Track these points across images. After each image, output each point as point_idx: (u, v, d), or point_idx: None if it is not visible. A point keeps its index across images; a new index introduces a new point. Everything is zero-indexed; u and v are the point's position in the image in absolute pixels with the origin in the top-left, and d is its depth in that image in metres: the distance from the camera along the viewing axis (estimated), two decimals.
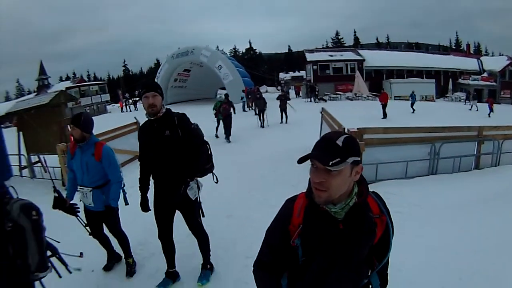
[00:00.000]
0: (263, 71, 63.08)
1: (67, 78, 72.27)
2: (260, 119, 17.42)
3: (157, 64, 65.31)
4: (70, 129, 4.05)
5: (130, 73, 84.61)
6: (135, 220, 4.63)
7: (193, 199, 3.74)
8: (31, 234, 2.45)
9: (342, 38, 76.34)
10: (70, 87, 49.52)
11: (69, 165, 4.26)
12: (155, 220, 3.87)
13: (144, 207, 3.93)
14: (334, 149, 1.49)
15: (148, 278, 4.24)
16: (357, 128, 6.99)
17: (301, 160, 1.51)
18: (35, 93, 57.76)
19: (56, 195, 3.83)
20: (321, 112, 11.23)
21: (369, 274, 1.85)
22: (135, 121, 11.27)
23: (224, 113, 14.73)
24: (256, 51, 78.66)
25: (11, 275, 2.41)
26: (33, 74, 66.36)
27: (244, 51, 78.99)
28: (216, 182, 3.96)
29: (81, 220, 4.16)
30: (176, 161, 3.58)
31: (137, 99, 46.31)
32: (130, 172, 6.89)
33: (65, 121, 10.09)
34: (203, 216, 3.94)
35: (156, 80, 36.09)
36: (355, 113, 19.64)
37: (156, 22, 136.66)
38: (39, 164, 11.03)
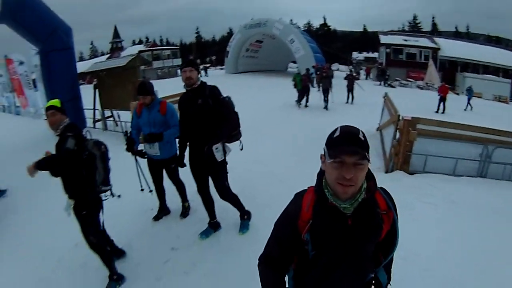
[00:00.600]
0: (336, 48, 61.14)
1: (140, 42, 74.73)
2: (324, 100, 16.11)
3: (230, 33, 65.54)
4: (141, 99, 4.73)
5: (203, 40, 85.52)
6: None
7: (219, 160, 4.15)
8: (99, 160, 3.71)
9: (419, 23, 70.57)
10: (143, 51, 51.53)
11: (134, 124, 4.97)
12: (193, 177, 4.48)
13: (180, 163, 4.63)
14: (361, 143, 1.51)
15: (198, 222, 5.03)
16: (412, 117, 6.87)
17: (336, 151, 1.51)
18: (109, 55, 60.38)
19: (127, 137, 4.80)
20: (383, 97, 10.97)
21: (376, 269, 1.88)
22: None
23: (302, 84, 16.48)
24: (330, 27, 76.00)
25: (84, 188, 3.63)
26: (107, 37, 69.40)
27: (318, 26, 76.83)
28: (241, 149, 4.41)
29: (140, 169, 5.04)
30: (206, 126, 4.11)
31: (208, 65, 47.16)
32: None
33: (139, 81, 10.67)
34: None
35: (228, 49, 36.52)
36: (419, 102, 18.89)
37: None
38: (111, 119, 11.98)
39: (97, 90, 12.30)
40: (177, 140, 4.76)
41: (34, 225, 5.86)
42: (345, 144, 1.50)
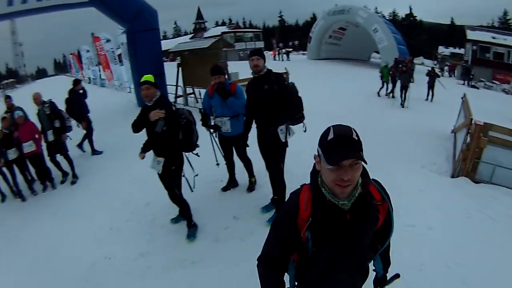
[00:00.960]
0: (421, 41, 57.45)
1: (223, 24, 76.72)
2: (401, 96, 15.08)
3: (313, 19, 64.21)
4: (214, 79, 5.26)
5: (286, 24, 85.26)
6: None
7: (283, 141, 4.57)
8: (194, 125, 4.66)
9: (510, 19, 63.56)
10: (226, 32, 52.53)
11: (205, 104, 5.60)
12: (261, 155, 5.05)
13: (244, 142, 5.10)
14: (356, 144, 1.55)
15: (262, 197, 5.55)
16: (484, 122, 6.57)
17: (333, 157, 1.53)
18: (192, 35, 62.22)
19: (202, 113, 5.45)
20: (462, 98, 10.46)
21: (373, 257, 1.97)
22: (285, 71, 11.78)
23: (391, 76, 16.55)
24: (416, 18, 72.20)
25: (181, 148, 4.58)
26: (190, 18, 71.18)
27: (403, 16, 73.48)
28: (304, 131, 4.64)
29: (217, 143, 5.71)
30: (271, 109, 4.48)
31: (291, 50, 47.02)
32: None
33: (221, 63, 11.43)
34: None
35: (310, 35, 36.03)
36: (501, 108, 17.22)
37: None
38: (192, 95, 12.90)
39: (180, 69, 13.21)
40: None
41: (116, 182, 7.22)
42: (341, 148, 1.52)
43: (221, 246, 4.59)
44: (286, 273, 1.96)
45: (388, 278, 2.05)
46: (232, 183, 6.11)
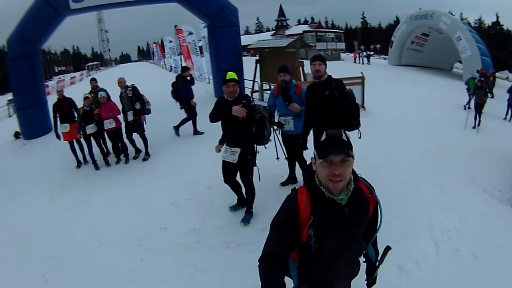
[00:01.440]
0: (508, 53, 51.67)
1: (305, 22, 75.59)
2: (475, 117, 12.55)
3: (396, 22, 61.28)
4: (280, 76, 5.56)
5: (368, 26, 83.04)
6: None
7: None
8: (267, 120, 5.03)
9: None
10: (307, 31, 52.19)
11: (270, 102, 5.93)
12: None
13: (303, 144, 5.41)
14: (345, 143, 1.77)
15: None
16: None
17: (325, 153, 1.77)
18: (273, 32, 62.71)
19: (268, 110, 5.39)
20: None
21: (366, 246, 2.14)
22: (361, 75, 11.87)
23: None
24: (503, 27, 64.61)
25: (252, 140, 4.94)
26: (272, 14, 71.47)
27: (489, 24, 66.77)
28: (359, 138, 4.71)
29: (280, 142, 5.86)
30: (331, 113, 4.65)
31: (372, 53, 45.87)
32: None
33: (298, 62, 11.82)
34: None
35: (392, 39, 34.53)
36: None
37: None
38: (268, 91, 13.41)
39: (258, 65, 13.77)
40: None
41: (184, 164, 7.92)
42: (332, 146, 1.76)
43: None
44: (286, 275, 2.06)
45: (379, 259, 2.20)
46: (291, 179, 6.25)
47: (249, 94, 13.11)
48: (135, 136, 8.85)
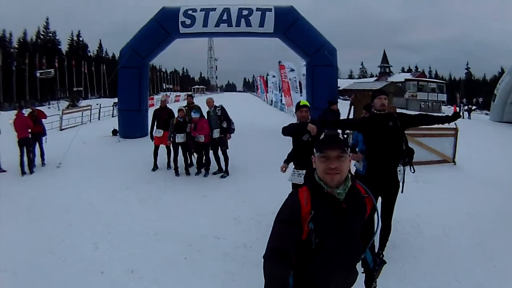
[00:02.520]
0: None
1: (409, 70, 74.00)
2: None
3: (501, 73, 57.38)
4: (364, 113, 5.64)
5: (473, 77, 78.38)
6: None
7: (400, 181, 4.59)
8: None
9: None
10: (409, 79, 50.72)
11: (354, 135, 5.74)
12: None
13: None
14: (340, 141, 1.98)
15: None
16: None
17: (322, 148, 1.97)
18: (376, 78, 61.93)
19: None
20: None
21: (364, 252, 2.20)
22: (455, 127, 10.94)
23: None
24: None
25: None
26: (377, 60, 70.61)
27: None
28: (413, 172, 4.71)
29: None
30: (395, 145, 4.53)
31: (474, 108, 43.07)
32: (427, 172, 8.39)
33: (390, 107, 11.51)
34: None
35: (495, 92, 29.36)
36: None
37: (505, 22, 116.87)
38: None
39: (352, 107, 13.69)
40: None
41: (255, 186, 8.20)
42: (328, 142, 1.97)
43: None
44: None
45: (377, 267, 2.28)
46: None
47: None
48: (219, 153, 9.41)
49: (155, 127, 9.78)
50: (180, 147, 9.20)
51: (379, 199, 4.57)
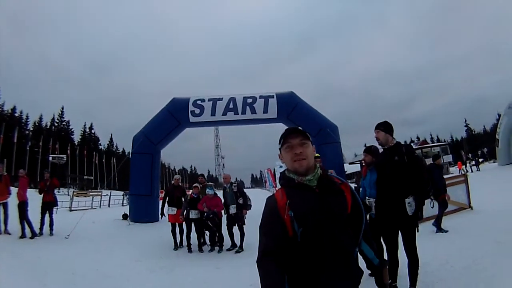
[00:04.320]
0: None
1: (411, 142, 76.70)
2: None
3: (499, 119, 57.56)
4: (365, 155, 5.51)
5: (473, 132, 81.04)
6: None
7: (410, 214, 4.32)
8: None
9: None
10: (414, 149, 51.31)
11: (361, 183, 5.82)
12: (380, 231, 4.70)
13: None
14: (300, 131, 2.12)
15: None
16: None
17: (285, 138, 2.12)
18: None
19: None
20: None
21: (360, 244, 2.17)
22: (464, 173, 11.05)
23: None
24: None
25: None
26: None
27: None
28: (432, 207, 4.53)
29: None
30: (401, 180, 4.36)
31: (481, 159, 42.86)
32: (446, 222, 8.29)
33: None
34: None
35: (497, 137, 29.29)
36: None
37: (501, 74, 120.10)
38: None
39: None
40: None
41: None
42: (289, 133, 2.12)
43: None
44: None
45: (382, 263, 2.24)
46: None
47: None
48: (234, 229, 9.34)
49: (166, 205, 9.89)
50: (193, 223, 9.22)
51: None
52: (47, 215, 10.40)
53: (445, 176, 10.81)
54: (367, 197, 5.54)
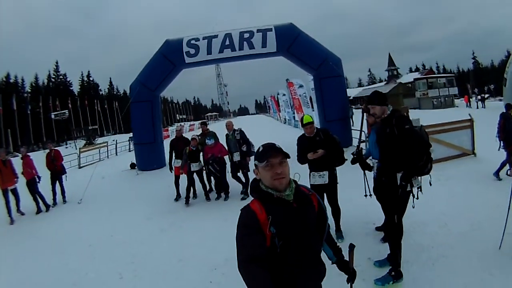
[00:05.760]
0: None
1: (417, 69, 73.95)
2: None
3: (508, 56, 55.30)
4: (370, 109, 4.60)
5: (480, 65, 78.62)
6: None
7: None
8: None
9: None
10: (418, 78, 49.99)
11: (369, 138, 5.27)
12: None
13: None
14: (279, 149, 2.18)
15: None
16: None
17: (265, 157, 2.15)
18: (385, 82, 61.71)
19: (358, 151, 5.16)
20: None
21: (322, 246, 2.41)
22: (470, 117, 10.77)
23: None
24: None
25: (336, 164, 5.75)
26: (383, 65, 70.58)
27: None
28: (430, 185, 4.45)
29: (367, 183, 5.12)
30: (390, 154, 4.19)
31: (487, 95, 42.17)
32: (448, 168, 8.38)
33: (402, 108, 11.46)
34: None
35: (505, 76, 28.40)
36: None
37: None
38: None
39: (364, 114, 13.49)
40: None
41: None
42: (269, 152, 2.17)
43: None
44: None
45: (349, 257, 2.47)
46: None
47: (356, 144, 12.97)
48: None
49: (173, 158, 9.91)
50: (196, 174, 9.29)
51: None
52: (57, 185, 10.71)
53: (449, 120, 10.41)
54: (370, 157, 5.11)
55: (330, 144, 5.69)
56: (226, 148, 9.32)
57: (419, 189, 4.31)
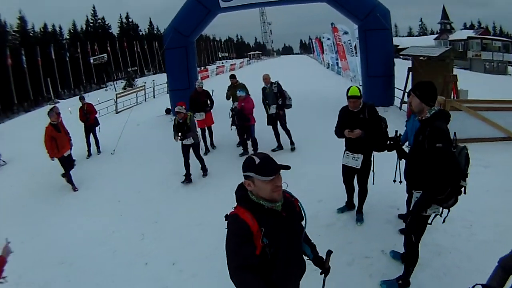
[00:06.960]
0: None
1: (471, 27, 68.06)
2: None
3: None
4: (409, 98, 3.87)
5: None
6: None
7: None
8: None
9: None
10: (472, 37, 46.67)
11: (407, 124, 5.13)
12: None
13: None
14: (279, 165, 2.16)
15: None
16: None
17: (270, 173, 2.11)
18: (437, 35, 58.55)
19: (396, 136, 4.48)
20: None
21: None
22: None
23: None
24: None
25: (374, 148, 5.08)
26: (436, 15, 66.52)
27: None
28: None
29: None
30: (415, 164, 3.74)
31: None
32: (489, 152, 7.34)
33: (449, 76, 10.42)
34: None
35: None
36: None
37: None
38: None
39: (410, 73, 12.44)
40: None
41: (311, 171, 7.54)
42: (271, 165, 2.14)
43: None
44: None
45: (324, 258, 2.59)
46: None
47: (398, 105, 12.11)
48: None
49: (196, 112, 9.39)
50: (192, 149, 8.22)
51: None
52: (92, 137, 11.14)
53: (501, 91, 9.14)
54: (407, 143, 4.70)
55: (373, 125, 4.87)
56: (262, 101, 9.15)
57: (436, 216, 3.67)
